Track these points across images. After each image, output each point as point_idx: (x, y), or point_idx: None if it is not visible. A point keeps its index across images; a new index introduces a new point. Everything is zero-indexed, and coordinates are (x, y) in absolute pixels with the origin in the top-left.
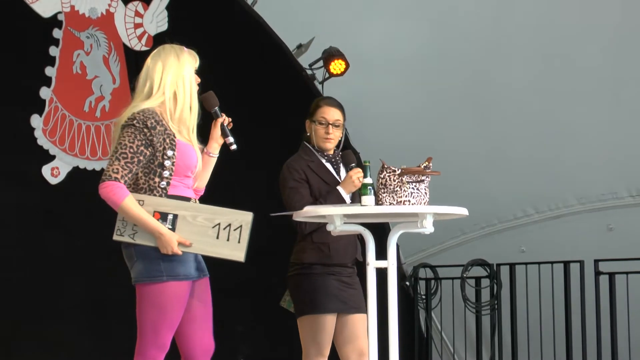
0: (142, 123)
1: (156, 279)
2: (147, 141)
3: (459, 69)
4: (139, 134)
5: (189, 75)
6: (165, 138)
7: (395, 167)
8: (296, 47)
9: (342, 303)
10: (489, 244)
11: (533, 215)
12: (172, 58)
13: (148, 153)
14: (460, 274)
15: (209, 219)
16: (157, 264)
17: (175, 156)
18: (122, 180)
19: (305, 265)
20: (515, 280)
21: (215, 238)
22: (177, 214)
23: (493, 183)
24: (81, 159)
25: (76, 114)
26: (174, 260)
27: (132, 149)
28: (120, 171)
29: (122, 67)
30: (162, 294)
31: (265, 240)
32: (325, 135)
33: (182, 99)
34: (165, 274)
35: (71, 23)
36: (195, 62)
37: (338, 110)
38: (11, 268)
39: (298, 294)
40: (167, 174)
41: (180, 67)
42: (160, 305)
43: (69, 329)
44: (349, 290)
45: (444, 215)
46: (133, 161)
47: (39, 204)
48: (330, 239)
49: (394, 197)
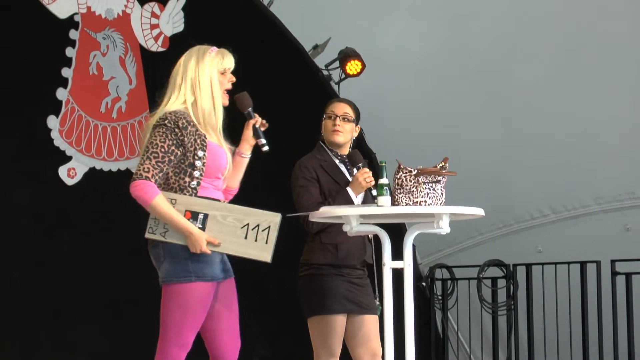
0: (174, 123)
1: (184, 279)
2: (178, 141)
3: (476, 68)
4: (170, 134)
5: (208, 76)
6: (197, 139)
7: (411, 167)
8: (312, 48)
9: (352, 304)
10: (505, 244)
11: (550, 216)
12: (192, 60)
13: (179, 153)
14: (476, 274)
15: (239, 219)
16: (185, 264)
17: (206, 157)
18: (152, 179)
19: (314, 266)
20: (532, 281)
21: (244, 238)
22: (207, 214)
23: (510, 183)
24: (97, 159)
25: (92, 114)
26: (202, 261)
27: (163, 149)
28: (151, 170)
29: (138, 68)
30: (188, 294)
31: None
32: (332, 127)
33: (200, 100)
34: (194, 275)
35: (87, 24)
36: (222, 62)
37: (347, 105)
38: (27, 269)
39: (308, 295)
40: (198, 174)
41: (200, 68)
42: (186, 306)
43: (84, 329)
44: (359, 291)
45: (460, 215)
46: (164, 160)
47: (56, 205)
48: (338, 240)
49: (410, 197)
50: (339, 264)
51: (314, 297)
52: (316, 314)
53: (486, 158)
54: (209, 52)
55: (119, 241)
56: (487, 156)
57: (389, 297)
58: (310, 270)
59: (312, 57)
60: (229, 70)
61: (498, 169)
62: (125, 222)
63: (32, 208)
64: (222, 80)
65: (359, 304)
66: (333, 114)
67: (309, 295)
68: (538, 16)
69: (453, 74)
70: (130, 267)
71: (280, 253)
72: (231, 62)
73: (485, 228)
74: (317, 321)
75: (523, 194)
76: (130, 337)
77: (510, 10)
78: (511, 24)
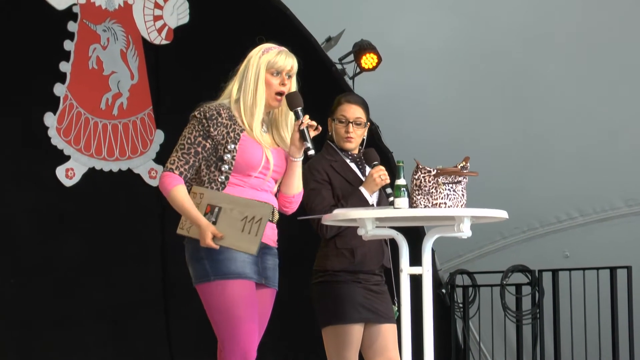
0: (203, 114)
1: (204, 279)
2: (205, 132)
3: (498, 62)
4: (198, 125)
5: (255, 73)
6: (230, 132)
7: (430, 167)
8: (325, 41)
9: (370, 312)
10: (530, 248)
11: (577, 219)
12: (248, 57)
13: (208, 145)
14: (499, 280)
15: (241, 211)
16: (202, 264)
17: (236, 150)
18: (177, 171)
19: (329, 273)
20: (559, 288)
21: (241, 231)
22: (221, 207)
23: (534, 184)
24: (97, 159)
25: (92, 111)
26: (218, 260)
27: (190, 140)
28: (176, 162)
29: (140, 62)
30: (212, 294)
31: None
32: (345, 134)
33: (243, 94)
34: (212, 274)
35: (87, 15)
36: (274, 60)
37: (359, 108)
38: (25, 274)
39: (322, 303)
40: (226, 167)
41: (249, 65)
42: (216, 306)
43: (85, 335)
44: (377, 298)
45: (483, 218)
46: (190, 152)
47: (53, 207)
48: (354, 244)
49: (429, 199)
50: (356, 269)
51: (329, 306)
52: (331, 324)
53: (508, 157)
54: (265, 49)
55: (120, 245)
56: (509, 155)
57: (406, 305)
58: (324, 277)
59: (325, 50)
60: (283, 73)
61: (521, 168)
62: (127, 225)
63: (28, 210)
64: (272, 81)
65: (377, 312)
66: (345, 119)
67: (323, 304)
68: (560, 7)
69: (474, 68)
70: (131, 271)
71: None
72: (286, 63)
73: (508, 232)
74: (332, 331)
75: (549, 195)
76: (132, 344)
77: (534, 1)
78: (533, 16)
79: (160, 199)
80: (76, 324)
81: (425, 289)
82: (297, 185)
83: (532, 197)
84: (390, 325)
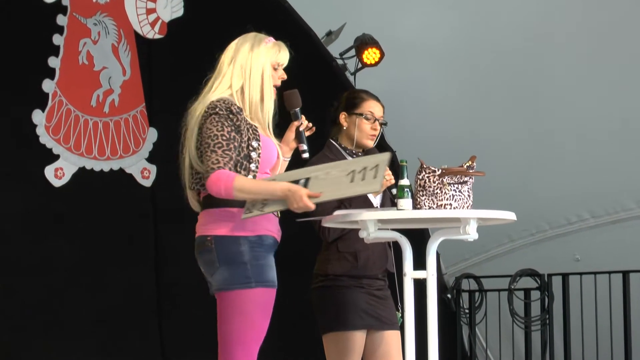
0: (226, 110)
1: (244, 285)
2: (235, 127)
3: (504, 58)
4: (226, 120)
5: (260, 67)
6: (249, 128)
7: (435, 167)
8: (325, 35)
9: (373, 319)
10: (539, 252)
11: (588, 220)
12: (247, 45)
13: (240, 141)
14: (507, 285)
15: (343, 169)
16: (243, 269)
17: (260, 147)
18: (226, 167)
19: (330, 277)
20: (569, 292)
21: (350, 182)
22: (308, 177)
23: (543, 184)
24: (88, 158)
25: (82, 109)
26: (261, 265)
27: (225, 136)
28: (220, 160)
29: (133, 57)
30: (249, 301)
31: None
32: (372, 131)
33: (248, 89)
34: (254, 280)
35: (77, 8)
36: (278, 55)
37: (382, 106)
38: (12, 278)
39: (323, 309)
40: (254, 166)
41: (254, 55)
42: (247, 314)
43: (76, 343)
44: (380, 304)
45: (490, 220)
46: (229, 148)
47: (42, 209)
48: (357, 248)
49: (434, 200)
50: (358, 274)
51: (331, 311)
52: (333, 330)
53: (516, 155)
54: (266, 41)
55: (111, 248)
56: (517, 153)
57: (410, 310)
58: (325, 281)
59: (326, 44)
60: (281, 67)
61: (530, 167)
62: (119, 227)
63: (16, 212)
64: (274, 75)
65: (380, 318)
66: (372, 116)
67: (324, 309)
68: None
69: (480, 63)
70: (123, 277)
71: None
72: (286, 58)
73: (516, 234)
74: (333, 338)
75: (558, 196)
76: (126, 351)
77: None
78: (541, 8)
79: (153, 199)
80: (67, 327)
81: (430, 293)
82: None
83: (541, 198)
84: (393, 332)
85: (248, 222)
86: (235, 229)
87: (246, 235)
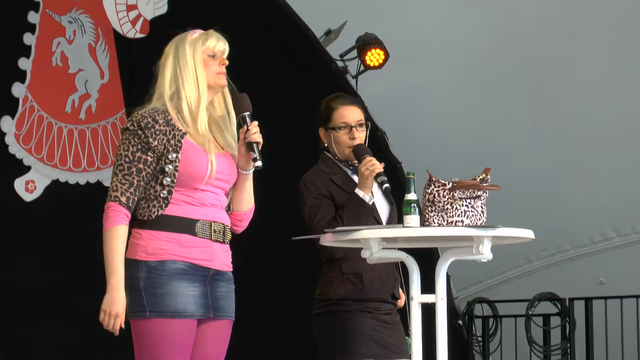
0: (137, 124)
1: (137, 314)
2: (143, 144)
3: (520, 58)
4: (134, 139)
5: (190, 62)
6: (170, 139)
7: (445, 180)
8: (324, 34)
9: (380, 347)
10: (559, 274)
11: (614, 239)
12: (172, 48)
13: (150, 159)
14: (524, 310)
15: None
16: (139, 296)
17: (179, 160)
18: (122, 197)
19: (333, 302)
20: (592, 318)
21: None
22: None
23: (564, 198)
24: (62, 170)
25: (56, 115)
26: (160, 294)
27: (128, 158)
28: (119, 188)
29: (111, 58)
30: (146, 332)
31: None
32: (350, 141)
33: (184, 90)
34: (148, 309)
35: (50, 5)
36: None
37: (357, 108)
38: None
39: (326, 337)
40: (169, 180)
41: (180, 54)
42: (148, 346)
43: None
44: (389, 330)
45: (505, 238)
46: (131, 172)
47: (10, 225)
48: (363, 269)
49: (444, 216)
50: (364, 297)
51: (334, 340)
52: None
53: (535, 167)
54: (191, 34)
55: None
56: (536, 165)
57: (417, 338)
58: (328, 307)
59: (325, 45)
60: (219, 53)
61: (549, 180)
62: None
63: None
64: (211, 64)
65: (387, 346)
66: (346, 124)
67: (327, 337)
68: None
69: (493, 66)
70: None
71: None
72: (218, 43)
73: (535, 254)
74: None
75: (581, 212)
76: None
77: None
78: (561, 5)
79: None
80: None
81: (439, 319)
82: (248, 200)
83: (562, 215)
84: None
85: (150, 245)
86: (135, 252)
87: (145, 259)
